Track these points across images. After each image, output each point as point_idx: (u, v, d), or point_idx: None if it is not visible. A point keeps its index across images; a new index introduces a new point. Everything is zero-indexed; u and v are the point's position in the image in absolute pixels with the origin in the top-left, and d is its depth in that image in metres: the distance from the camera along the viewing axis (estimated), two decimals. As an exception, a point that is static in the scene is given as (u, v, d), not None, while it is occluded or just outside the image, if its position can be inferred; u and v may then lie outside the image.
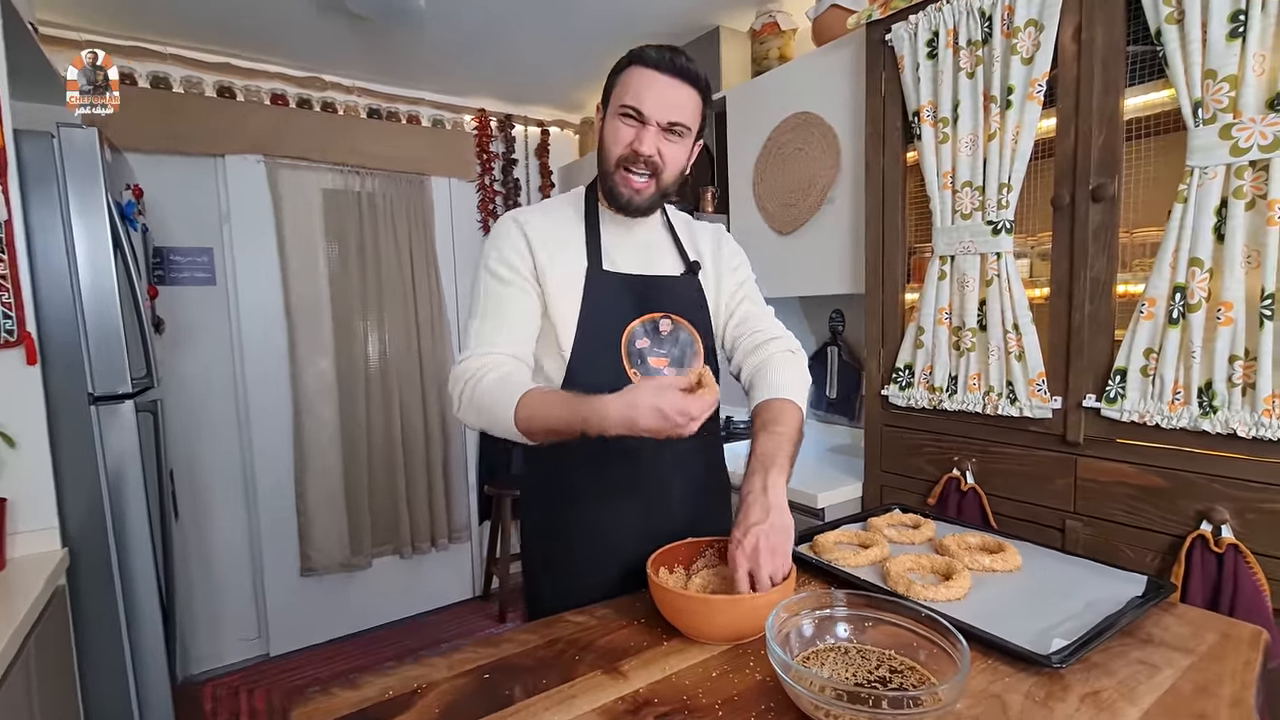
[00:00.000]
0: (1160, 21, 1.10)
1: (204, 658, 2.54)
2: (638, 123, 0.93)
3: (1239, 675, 0.69)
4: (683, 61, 0.93)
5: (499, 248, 0.98)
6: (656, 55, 0.92)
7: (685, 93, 0.93)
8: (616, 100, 0.95)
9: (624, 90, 0.94)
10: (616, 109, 0.95)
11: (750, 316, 1.09)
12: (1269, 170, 0.99)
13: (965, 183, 1.39)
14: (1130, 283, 1.23)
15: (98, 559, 1.53)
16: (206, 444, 2.51)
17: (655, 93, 0.92)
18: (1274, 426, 1.01)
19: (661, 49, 0.93)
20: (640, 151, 0.93)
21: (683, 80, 0.93)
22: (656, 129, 0.93)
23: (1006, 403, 1.36)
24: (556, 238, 1.00)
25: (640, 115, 0.92)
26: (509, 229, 0.99)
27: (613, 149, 0.96)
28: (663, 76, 0.92)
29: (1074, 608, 0.81)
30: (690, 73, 0.93)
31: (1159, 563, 1.16)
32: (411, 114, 2.89)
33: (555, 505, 1.03)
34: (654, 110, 0.92)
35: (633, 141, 0.93)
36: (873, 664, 0.69)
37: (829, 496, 1.69)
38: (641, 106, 0.92)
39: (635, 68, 0.93)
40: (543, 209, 1.04)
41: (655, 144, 0.93)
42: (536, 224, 1.00)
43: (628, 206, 0.99)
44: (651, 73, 0.92)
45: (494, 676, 0.73)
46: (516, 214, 1.01)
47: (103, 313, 1.52)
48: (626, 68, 0.94)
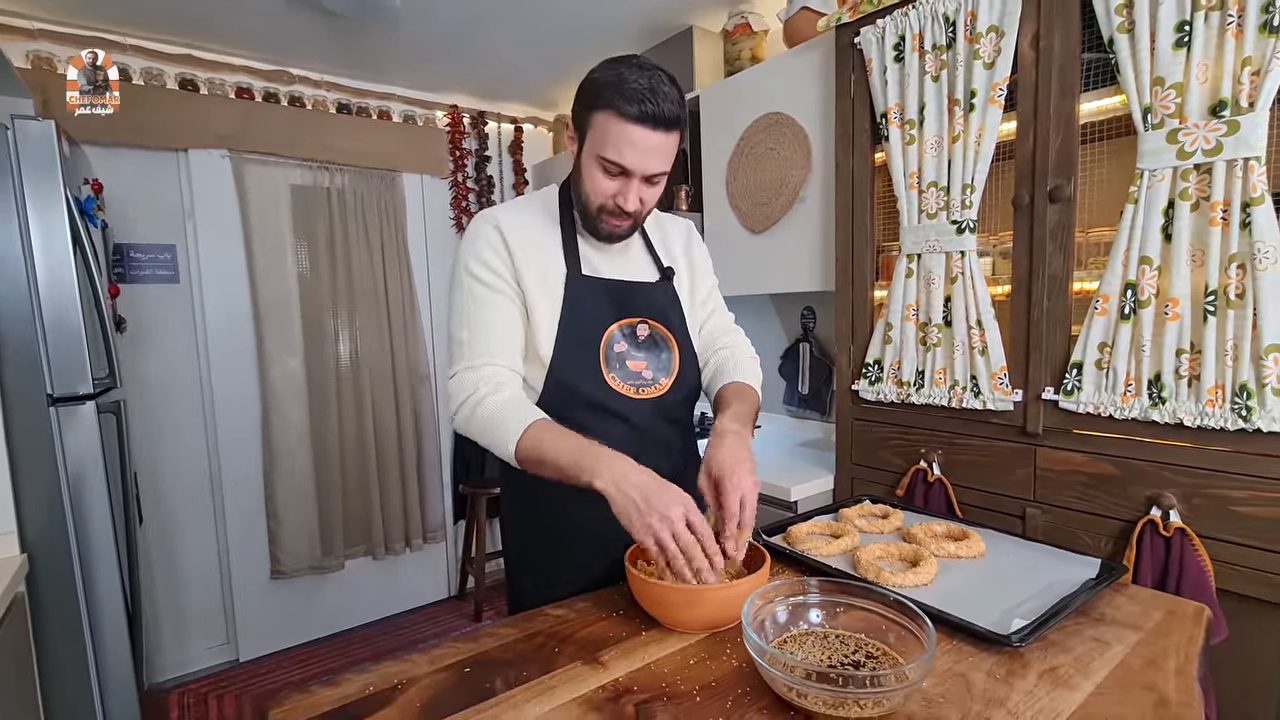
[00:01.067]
0: (1112, 30, 1.15)
1: (171, 665, 2.47)
2: (621, 177, 0.91)
3: (1183, 649, 0.74)
4: (664, 108, 0.86)
5: (478, 251, 0.97)
6: (638, 109, 0.85)
7: (667, 140, 0.89)
8: (594, 146, 0.90)
9: (602, 140, 0.89)
10: (596, 156, 0.91)
11: (719, 329, 1.17)
12: (1211, 174, 1.05)
13: (931, 183, 1.44)
14: (1086, 280, 1.28)
15: (59, 565, 1.49)
16: (171, 446, 2.45)
17: (638, 150, 0.88)
18: (1216, 416, 1.07)
19: (640, 93, 0.85)
20: (625, 209, 0.93)
21: (664, 129, 0.88)
22: (639, 181, 0.92)
23: (971, 396, 1.40)
24: (533, 241, 0.99)
25: (624, 172, 0.90)
26: (485, 231, 0.98)
27: (593, 197, 0.94)
28: (642, 131, 0.87)
29: (1033, 590, 0.85)
30: (669, 119, 0.87)
31: (1113, 546, 1.22)
32: (383, 109, 2.85)
33: (534, 501, 1.04)
34: (637, 166, 0.89)
35: (616, 195, 0.92)
36: (844, 648, 0.72)
37: (801, 489, 1.73)
38: (623, 163, 0.89)
39: (612, 118, 0.87)
40: (516, 209, 1.02)
41: (638, 196, 0.93)
42: (513, 226, 0.99)
43: (609, 239, 1.00)
44: (636, 129, 0.86)
45: (474, 670, 0.74)
46: (491, 215, 1.00)
47: (62, 311, 1.47)
48: (604, 110, 0.87)
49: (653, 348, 1.04)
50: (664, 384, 1.04)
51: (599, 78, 0.89)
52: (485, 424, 0.91)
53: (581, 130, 0.93)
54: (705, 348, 1.15)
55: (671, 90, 0.88)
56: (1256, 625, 1.08)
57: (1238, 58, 1.02)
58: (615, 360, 1.00)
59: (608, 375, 0.99)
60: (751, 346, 1.19)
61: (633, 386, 1.01)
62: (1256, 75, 1.00)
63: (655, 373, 1.04)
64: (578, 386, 0.98)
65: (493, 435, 0.90)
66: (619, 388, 1.00)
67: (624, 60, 0.89)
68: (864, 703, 0.59)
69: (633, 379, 1.01)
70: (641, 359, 1.03)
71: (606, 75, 0.88)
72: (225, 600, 2.59)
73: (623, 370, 1.01)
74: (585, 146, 0.93)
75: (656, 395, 1.03)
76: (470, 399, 0.93)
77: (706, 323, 1.16)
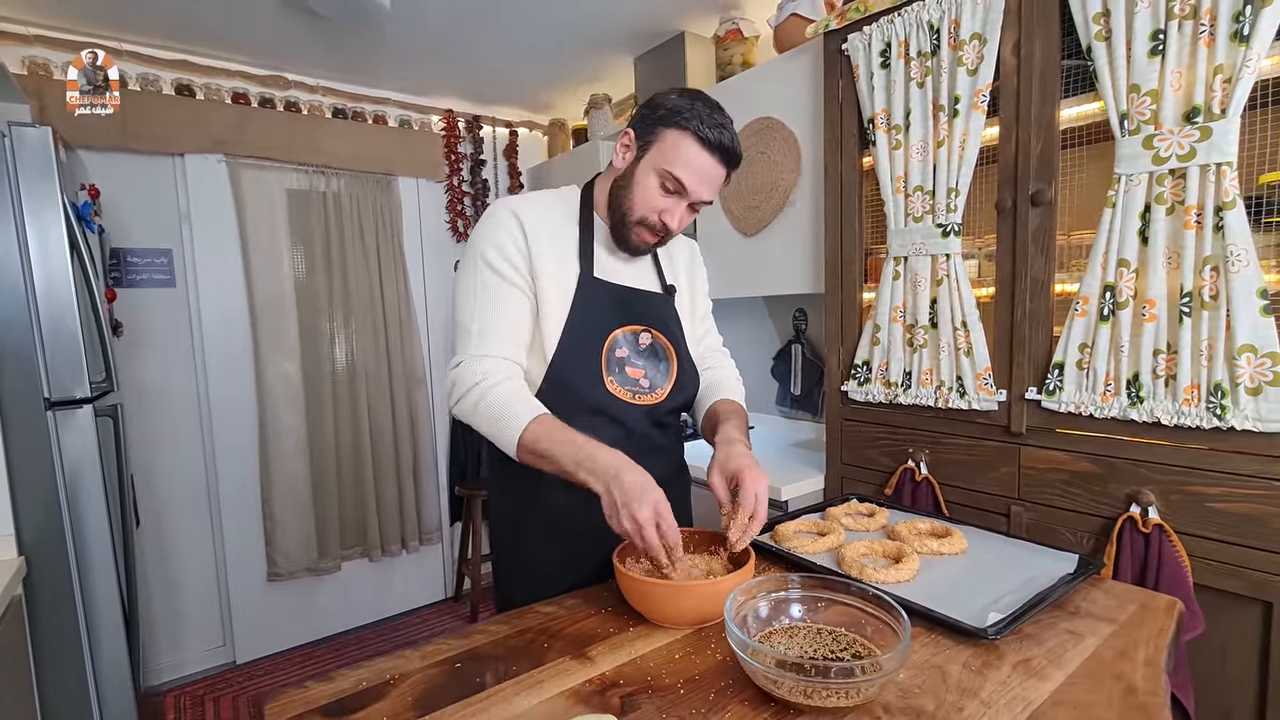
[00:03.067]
0: (1090, 38, 1.17)
1: (167, 667, 2.48)
2: (677, 195, 0.96)
3: (1153, 640, 0.76)
4: (733, 144, 0.94)
5: (496, 239, 0.97)
6: (715, 136, 0.92)
7: (724, 173, 0.96)
8: (658, 160, 0.94)
9: (672, 156, 0.93)
10: (656, 169, 0.95)
11: (709, 349, 1.23)
12: (1186, 178, 1.08)
13: (917, 187, 1.46)
14: (1067, 282, 1.31)
15: (56, 568, 1.50)
16: (168, 449, 2.46)
17: (701, 175, 0.94)
18: (1192, 415, 1.09)
19: (717, 125, 0.92)
20: (670, 226, 0.98)
21: (728, 165, 0.95)
22: (688, 203, 0.97)
23: (956, 396, 1.43)
24: (551, 237, 1.00)
25: (680, 190, 0.95)
26: (506, 220, 0.98)
27: (639, 208, 0.97)
28: (714, 160, 0.93)
29: (1012, 585, 0.88)
30: (735, 155, 0.95)
31: (1093, 543, 1.25)
32: (378, 114, 2.87)
33: (522, 501, 1.06)
34: (697, 191, 0.95)
35: (663, 212, 0.97)
36: (823, 641, 0.74)
37: (792, 489, 1.75)
38: (686, 184, 0.94)
39: (687, 138, 0.92)
40: (536, 202, 1.03)
41: (681, 217, 0.98)
42: (532, 219, 0.99)
43: (635, 252, 1.04)
44: (706, 154, 0.93)
45: (465, 665, 0.76)
46: (511, 204, 1.00)
47: (59, 316, 1.49)
48: (680, 129, 0.93)
49: (653, 356, 1.06)
50: (659, 393, 1.06)
51: (676, 101, 0.94)
52: (490, 414, 0.92)
53: (645, 141, 0.96)
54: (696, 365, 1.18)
55: (735, 132, 0.96)
56: (1233, 619, 1.10)
57: (1210, 66, 1.05)
58: (616, 365, 1.02)
59: (607, 379, 1.01)
60: (736, 368, 1.25)
61: (629, 392, 1.03)
62: (1228, 83, 1.03)
63: (653, 381, 1.06)
64: (576, 386, 0.99)
65: (496, 425, 0.92)
66: (616, 392, 1.01)
67: (697, 94, 0.95)
68: (840, 692, 0.61)
69: (630, 385, 1.03)
70: (641, 366, 1.05)
71: (683, 101, 0.94)
72: (222, 602, 2.60)
73: (621, 375, 1.02)
74: (646, 158, 0.96)
75: (650, 403, 1.05)
76: (476, 388, 0.93)
77: (701, 341, 1.21)
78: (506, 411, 0.91)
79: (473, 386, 0.94)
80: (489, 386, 0.93)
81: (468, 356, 0.96)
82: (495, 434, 0.93)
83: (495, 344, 0.96)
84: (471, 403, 0.94)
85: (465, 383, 0.95)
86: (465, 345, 0.97)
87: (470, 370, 0.95)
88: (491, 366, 0.95)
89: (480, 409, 0.93)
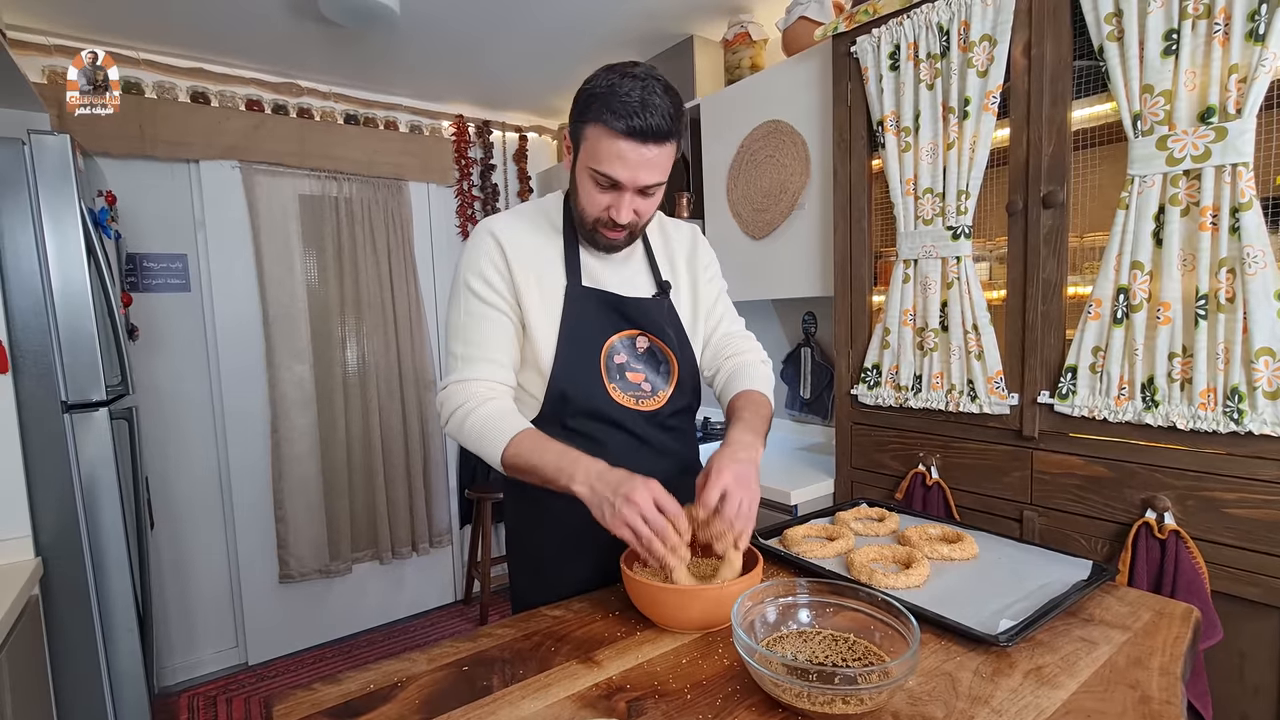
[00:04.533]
0: (1102, 39, 1.16)
1: (180, 668, 2.51)
2: (613, 190, 0.91)
3: (1169, 648, 0.75)
4: (654, 122, 0.84)
5: (477, 264, 0.98)
6: (625, 124, 0.84)
7: (660, 153, 0.88)
8: (587, 158, 0.90)
9: (594, 154, 0.88)
10: (588, 169, 0.90)
11: (728, 336, 1.16)
12: (1200, 179, 1.06)
13: (926, 189, 1.45)
14: (1079, 284, 1.29)
15: (72, 568, 1.53)
16: (182, 451, 2.49)
17: (627, 164, 0.87)
18: (1209, 419, 1.08)
19: (630, 107, 0.83)
20: (618, 221, 0.93)
21: (656, 143, 0.86)
22: (631, 194, 0.91)
23: (967, 400, 1.41)
24: (534, 252, 1.00)
25: (618, 185, 0.90)
26: (485, 243, 0.98)
27: (589, 209, 0.94)
28: (634, 147, 0.86)
29: (1024, 591, 0.87)
30: (660, 132, 0.85)
31: (1108, 549, 1.23)
32: (389, 120, 2.89)
33: (534, 504, 1.06)
34: (628, 180, 0.89)
35: (609, 208, 0.92)
36: (832, 647, 0.73)
37: (801, 494, 1.74)
38: (614, 176, 0.88)
39: (604, 133, 0.85)
40: (518, 218, 1.02)
41: (631, 208, 0.92)
42: (513, 238, 0.99)
43: (608, 250, 1.00)
44: (623, 142, 0.85)
45: (472, 669, 0.76)
46: (492, 225, 1.00)
47: (76, 320, 1.51)
48: (594, 123, 0.86)
49: (651, 360, 1.06)
50: (662, 396, 1.06)
51: (591, 88, 0.88)
52: (473, 434, 0.94)
53: (576, 141, 0.93)
54: (716, 355, 1.15)
55: (664, 101, 0.85)
56: (1251, 627, 1.08)
57: (1225, 65, 1.03)
58: (616, 371, 1.02)
59: (609, 385, 1.00)
60: (763, 350, 1.17)
61: (632, 397, 1.02)
62: (1243, 82, 1.02)
63: (654, 384, 1.05)
64: (579, 396, 0.99)
65: (481, 443, 0.94)
66: (619, 398, 1.01)
67: (618, 68, 0.87)
68: (848, 699, 0.61)
69: (632, 390, 1.03)
70: (641, 370, 1.04)
71: (599, 86, 0.86)
72: (234, 604, 2.62)
73: (623, 380, 1.02)
74: (580, 158, 0.93)
75: (654, 408, 1.05)
76: (459, 410, 0.95)
77: (716, 330, 1.15)
78: (489, 430, 0.92)
79: (457, 408, 0.96)
80: (472, 408, 0.95)
81: (452, 381, 0.98)
82: (481, 452, 0.94)
83: (479, 367, 0.97)
84: (457, 424, 0.96)
85: (450, 405, 0.97)
86: (451, 369, 0.99)
87: (455, 393, 0.97)
88: (476, 389, 0.96)
89: (465, 429, 0.95)
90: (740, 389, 1.06)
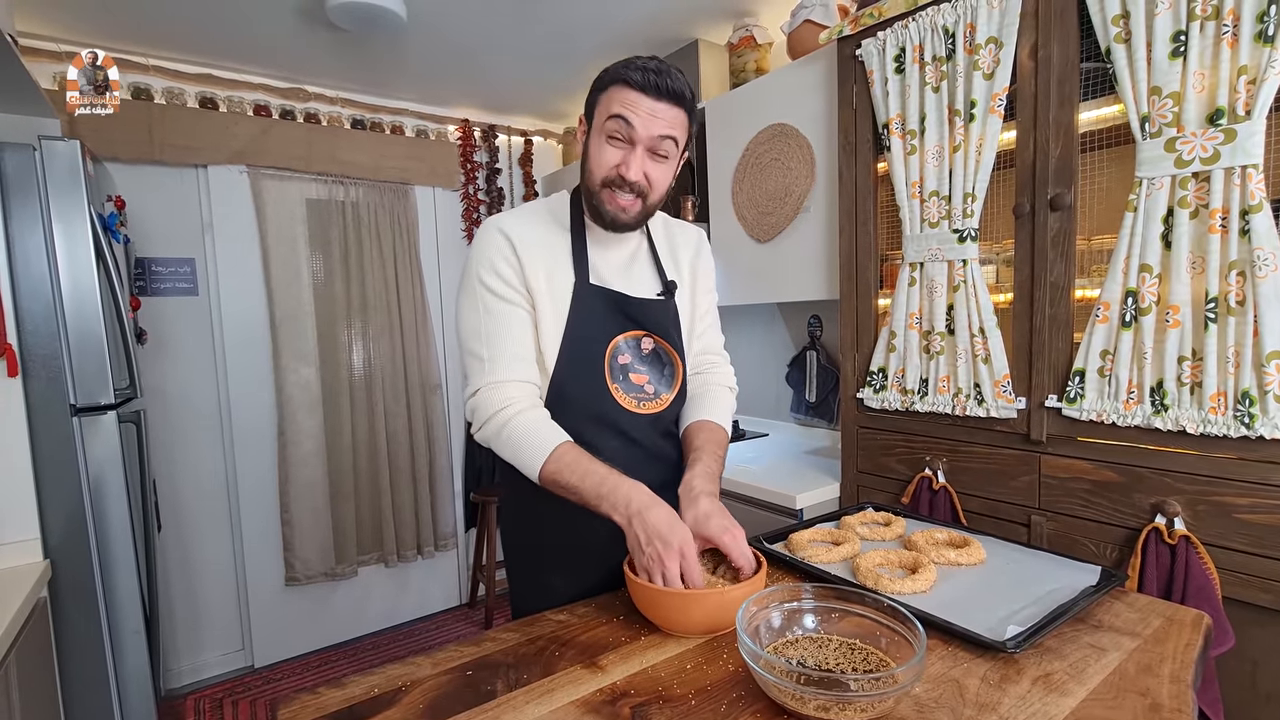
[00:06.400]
0: (1110, 40, 1.16)
1: (186, 670, 2.52)
2: (624, 144, 0.92)
3: (1179, 655, 0.74)
4: (668, 82, 0.89)
5: (489, 259, 0.97)
6: (641, 77, 0.89)
7: (672, 113, 0.91)
8: (600, 119, 0.93)
9: (608, 110, 0.91)
10: (601, 128, 0.92)
11: (706, 350, 1.17)
12: (1210, 182, 1.05)
13: (932, 192, 1.45)
14: (1087, 287, 1.28)
15: (80, 571, 1.53)
16: (189, 454, 2.50)
17: (641, 116, 0.89)
18: (1219, 423, 1.06)
19: (646, 67, 0.89)
20: (627, 177, 0.92)
21: (669, 101, 0.90)
22: (643, 151, 0.92)
23: (974, 404, 1.41)
24: (542, 248, 0.99)
25: (627, 138, 0.91)
26: (495, 239, 0.97)
27: (597, 170, 0.94)
28: (648, 99, 0.89)
29: (1032, 597, 0.86)
30: (675, 92, 0.90)
31: (1118, 554, 1.22)
32: (395, 124, 2.91)
33: (535, 509, 1.05)
34: (641, 134, 0.90)
35: (619, 165, 0.92)
36: (837, 652, 0.73)
37: (807, 497, 1.73)
38: (632, 123, 0.90)
39: (619, 88, 0.90)
40: (525, 215, 1.02)
41: (642, 167, 0.93)
42: (521, 233, 0.98)
43: (614, 224, 0.97)
44: (636, 94, 0.89)
45: (477, 673, 0.76)
46: (500, 222, 0.99)
47: (85, 324, 1.52)
48: (610, 86, 0.91)
49: (655, 361, 1.05)
50: (665, 399, 1.05)
51: (609, 67, 0.93)
52: (513, 442, 0.93)
53: (590, 114, 0.96)
54: (691, 366, 1.15)
55: (680, 75, 0.92)
56: (1264, 634, 1.07)
57: (1234, 67, 1.02)
58: (619, 372, 1.01)
59: (611, 386, 1.00)
60: (733, 374, 1.19)
61: (635, 399, 1.02)
62: (1253, 84, 1.01)
63: (657, 386, 1.05)
64: (580, 397, 0.99)
65: (520, 454, 0.92)
66: (622, 400, 1.01)
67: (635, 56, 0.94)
68: (854, 705, 0.60)
69: (635, 392, 1.02)
70: (644, 372, 1.04)
71: (615, 64, 0.93)
72: (240, 606, 2.63)
73: (626, 382, 1.01)
74: (594, 126, 0.95)
75: (657, 410, 1.04)
76: (499, 415, 0.93)
77: (700, 339, 1.15)
78: (529, 441, 0.91)
79: (494, 414, 0.94)
80: (511, 415, 0.93)
81: (484, 384, 0.95)
82: (518, 462, 0.93)
83: (508, 368, 0.96)
84: (494, 430, 0.94)
85: (486, 410, 0.95)
86: (479, 372, 0.97)
87: (490, 398, 0.95)
88: (513, 393, 0.95)
89: (503, 437, 0.93)
90: (699, 417, 1.07)
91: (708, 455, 1.00)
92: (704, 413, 1.08)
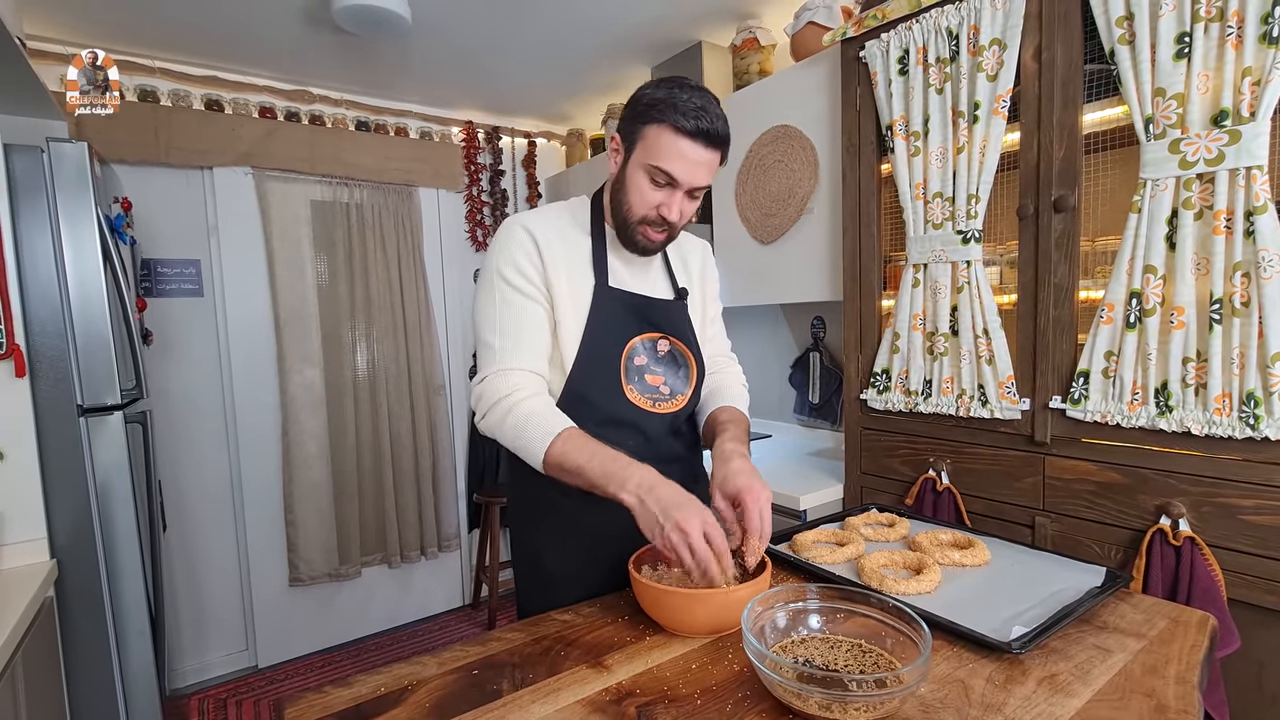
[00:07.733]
0: (1113, 42, 1.16)
1: (191, 670, 2.52)
2: (668, 188, 0.94)
3: (1185, 656, 0.74)
4: (714, 126, 0.91)
5: (511, 254, 0.98)
6: (692, 124, 0.89)
7: (712, 156, 0.93)
8: (644, 157, 0.93)
9: (654, 151, 0.92)
10: (644, 166, 0.94)
11: (715, 354, 1.21)
12: (1214, 183, 1.05)
13: (936, 194, 1.45)
14: (1091, 289, 1.28)
15: (86, 571, 1.54)
16: (194, 455, 2.51)
17: (688, 164, 0.92)
18: (1224, 424, 1.06)
19: (693, 109, 0.89)
20: (668, 218, 0.96)
21: (715, 148, 0.93)
22: (683, 194, 0.95)
23: (978, 405, 1.41)
24: (564, 249, 1.00)
25: (671, 182, 0.93)
26: (518, 235, 0.98)
27: (638, 208, 0.96)
28: (696, 146, 0.91)
29: (1037, 598, 0.86)
30: (719, 136, 0.92)
31: (1122, 555, 1.21)
32: (399, 126, 2.92)
33: (541, 508, 1.06)
34: (686, 180, 0.93)
35: (660, 206, 0.95)
36: (842, 653, 0.73)
37: (811, 499, 1.73)
38: (674, 174, 0.92)
39: (666, 132, 0.90)
40: (548, 216, 1.03)
41: (680, 208, 0.96)
42: (544, 233, 0.99)
43: (644, 252, 1.02)
44: (686, 143, 0.90)
45: (482, 673, 0.76)
46: (524, 220, 1.00)
47: (92, 325, 1.53)
48: (658, 124, 0.91)
49: (672, 363, 1.07)
50: (680, 400, 1.06)
51: (652, 94, 0.92)
52: (516, 429, 0.92)
53: (630, 142, 0.96)
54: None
55: (720, 111, 0.93)
56: (1270, 635, 1.07)
57: (1238, 68, 1.02)
58: (635, 373, 1.02)
59: (626, 387, 1.01)
60: (743, 375, 1.23)
61: (649, 400, 1.03)
62: (1257, 85, 1.01)
63: (673, 388, 1.06)
64: (596, 397, 1.00)
65: (522, 439, 0.92)
66: (636, 400, 1.02)
67: (675, 80, 0.93)
68: (859, 706, 0.61)
69: (650, 392, 1.03)
70: (660, 373, 1.05)
71: (659, 93, 0.92)
72: (245, 606, 2.64)
73: (641, 383, 1.02)
74: (634, 157, 0.95)
75: (672, 410, 1.05)
76: (502, 403, 0.94)
77: (709, 344, 1.19)
78: (533, 426, 0.91)
79: (499, 400, 0.94)
80: (516, 401, 0.93)
81: (492, 372, 0.96)
82: (522, 448, 0.92)
83: (518, 357, 0.96)
84: (498, 417, 0.94)
85: (491, 397, 0.95)
86: (489, 360, 0.97)
87: (495, 385, 0.95)
88: (518, 380, 0.95)
89: (507, 423, 0.93)
90: (721, 403, 1.10)
91: (735, 426, 1.03)
92: (724, 400, 1.11)
